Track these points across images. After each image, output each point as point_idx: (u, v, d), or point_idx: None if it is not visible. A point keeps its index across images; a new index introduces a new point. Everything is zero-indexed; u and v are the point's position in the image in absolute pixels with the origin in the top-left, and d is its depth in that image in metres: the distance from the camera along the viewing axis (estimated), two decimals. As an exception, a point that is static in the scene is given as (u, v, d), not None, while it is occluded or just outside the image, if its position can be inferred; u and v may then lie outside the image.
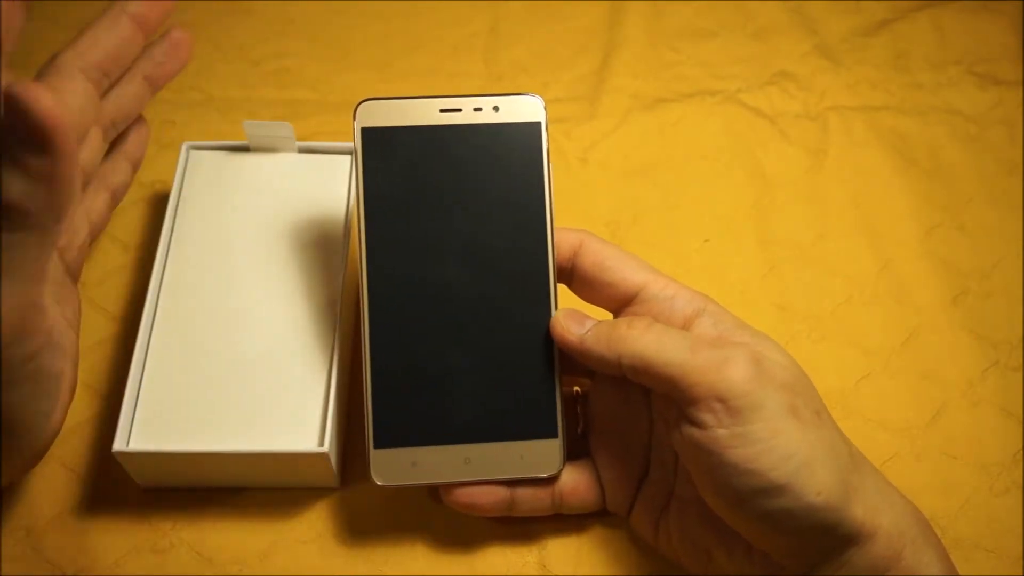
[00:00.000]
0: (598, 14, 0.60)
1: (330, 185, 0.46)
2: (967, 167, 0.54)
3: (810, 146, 0.55)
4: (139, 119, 0.44)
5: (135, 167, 0.45)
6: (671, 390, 0.34)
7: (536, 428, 0.38)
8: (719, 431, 0.33)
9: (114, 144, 0.43)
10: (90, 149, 0.40)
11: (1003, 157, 0.55)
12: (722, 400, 0.33)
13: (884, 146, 0.55)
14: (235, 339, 0.42)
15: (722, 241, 0.51)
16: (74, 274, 0.38)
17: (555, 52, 0.58)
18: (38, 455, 0.38)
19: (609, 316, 0.40)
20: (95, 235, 0.42)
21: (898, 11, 0.61)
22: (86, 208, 0.41)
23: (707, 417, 0.33)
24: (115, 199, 0.44)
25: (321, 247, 0.44)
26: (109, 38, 0.37)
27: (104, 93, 0.38)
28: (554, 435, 0.38)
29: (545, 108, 0.39)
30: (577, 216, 0.51)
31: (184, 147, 0.47)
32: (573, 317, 0.38)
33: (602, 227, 0.51)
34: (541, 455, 0.38)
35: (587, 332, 0.37)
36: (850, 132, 0.55)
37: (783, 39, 0.59)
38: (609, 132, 0.55)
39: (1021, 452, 0.44)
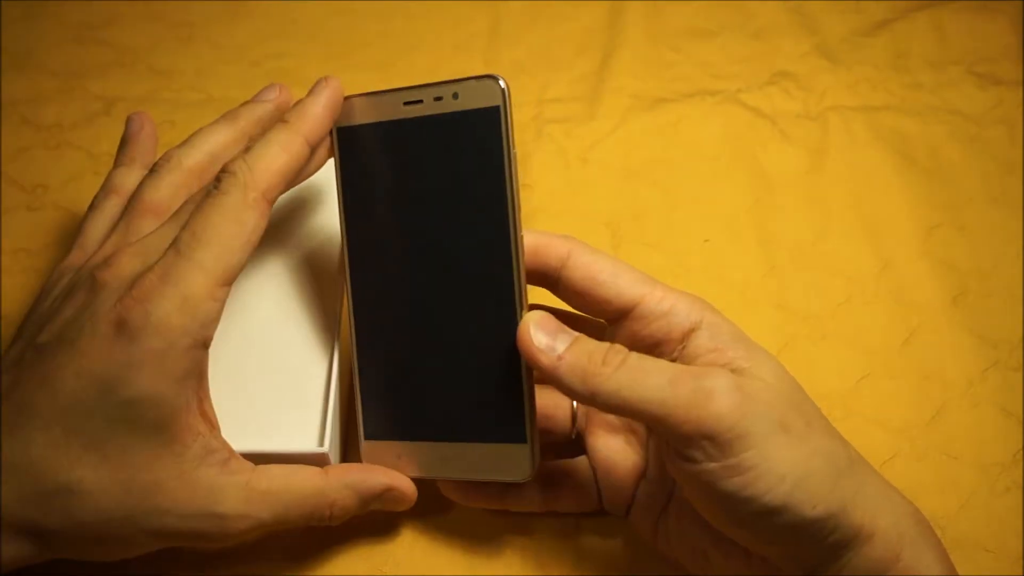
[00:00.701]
0: (598, 14, 0.60)
1: (330, 184, 0.46)
2: (967, 167, 0.54)
3: (810, 146, 0.55)
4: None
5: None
6: (656, 427, 0.33)
7: (504, 432, 0.37)
8: (710, 465, 0.32)
9: None
10: None
11: (1003, 157, 0.54)
12: (710, 437, 0.32)
13: (884, 146, 0.55)
14: (235, 338, 0.42)
15: (722, 241, 0.51)
16: None
17: (555, 52, 0.58)
18: None
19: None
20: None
21: (898, 11, 0.60)
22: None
23: (697, 453, 0.33)
24: None
25: (321, 245, 0.44)
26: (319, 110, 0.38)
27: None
28: (522, 440, 0.36)
29: (506, 89, 0.36)
30: (577, 216, 0.51)
31: (184, 147, 0.47)
32: (544, 327, 0.35)
33: (602, 227, 0.51)
34: (510, 459, 0.37)
35: (559, 359, 0.34)
36: (850, 132, 0.55)
37: (783, 39, 0.59)
38: (609, 132, 0.55)
39: (1021, 452, 0.44)
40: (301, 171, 0.37)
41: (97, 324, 0.33)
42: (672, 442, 0.33)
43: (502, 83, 0.36)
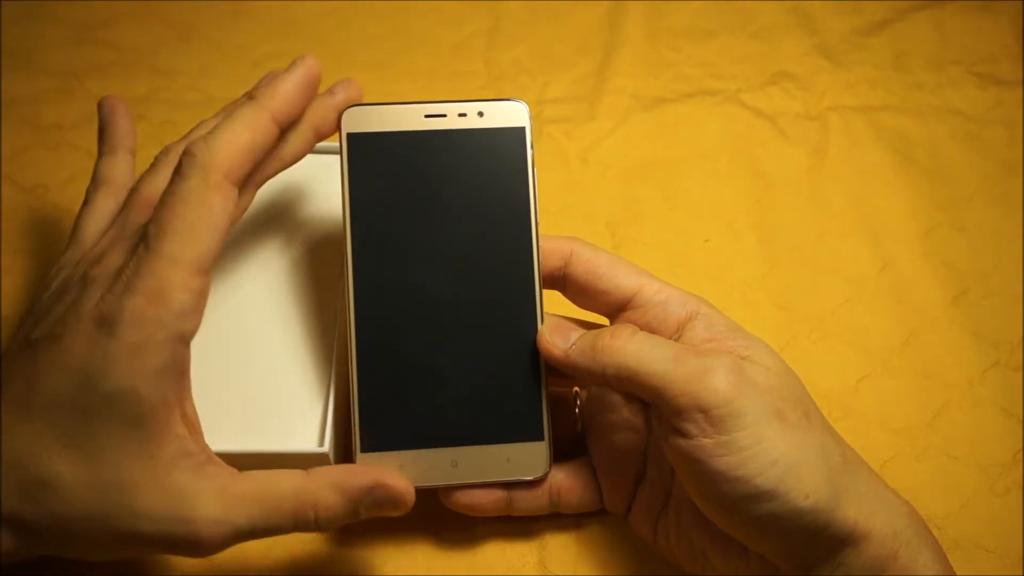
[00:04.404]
0: (598, 14, 0.60)
1: (330, 185, 0.46)
2: (967, 167, 0.54)
3: (810, 146, 0.55)
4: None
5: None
6: (655, 400, 0.35)
7: (522, 431, 0.38)
8: (704, 440, 0.33)
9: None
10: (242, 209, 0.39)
11: (1003, 157, 0.55)
12: (703, 411, 0.33)
13: (884, 146, 0.55)
14: (235, 339, 0.42)
15: (722, 241, 0.51)
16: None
17: (555, 52, 0.58)
18: None
19: (604, 321, 0.40)
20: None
21: (898, 11, 0.61)
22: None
23: (691, 427, 0.33)
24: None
25: (321, 246, 0.44)
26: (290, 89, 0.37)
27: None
28: (540, 438, 0.38)
29: (530, 113, 0.39)
30: (577, 216, 0.51)
31: (184, 147, 0.47)
32: (559, 330, 0.37)
33: (602, 227, 0.51)
34: (527, 457, 0.38)
35: (572, 346, 0.37)
36: (850, 132, 0.55)
37: (783, 39, 0.59)
38: (609, 132, 0.55)
39: (1021, 452, 0.44)
40: (269, 150, 0.36)
41: (80, 320, 0.33)
42: (668, 416, 0.34)
43: (526, 106, 0.39)
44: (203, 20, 0.59)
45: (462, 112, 0.39)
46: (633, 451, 0.40)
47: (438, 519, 0.41)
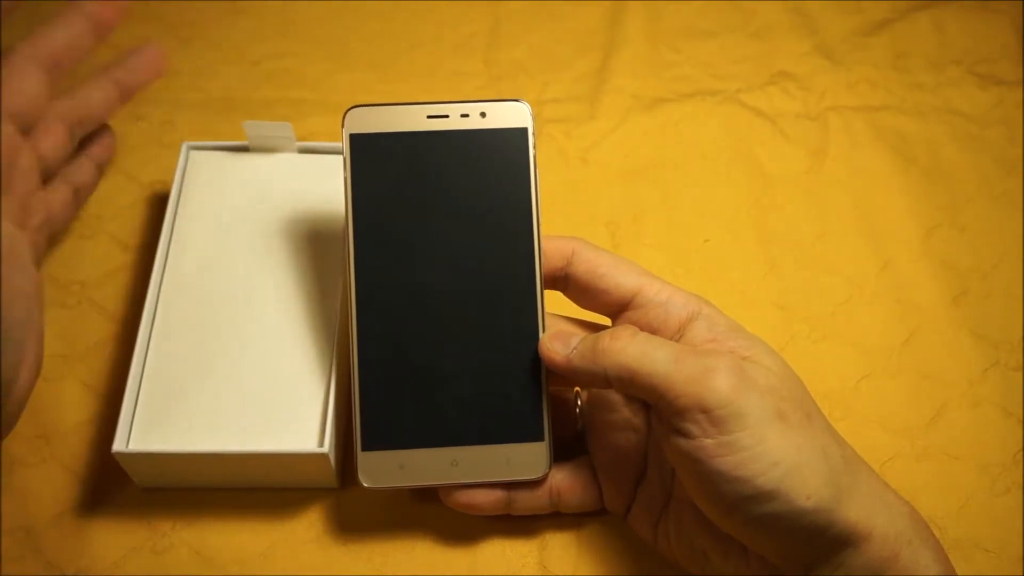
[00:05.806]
0: (598, 14, 0.60)
1: (330, 185, 0.46)
2: (967, 167, 0.54)
3: (810, 146, 0.55)
4: (105, 127, 0.48)
5: (100, 170, 0.48)
6: (657, 401, 0.35)
7: (522, 431, 0.38)
8: (705, 441, 0.33)
9: (81, 145, 0.46)
10: (52, 140, 0.42)
11: (1003, 157, 0.54)
12: (705, 411, 0.33)
13: (884, 146, 0.55)
14: (235, 339, 0.42)
15: (722, 241, 0.51)
16: (33, 257, 0.40)
17: (555, 52, 0.58)
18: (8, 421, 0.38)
19: (606, 321, 0.40)
20: (56, 227, 0.45)
21: (898, 11, 0.61)
22: (45, 198, 0.43)
23: (692, 427, 0.33)
24: (78, 197, 0.46)
25: (321, 247, 0.44)
26: (63, 34, 0.42)
27: (67, 90, 0.43)
28: (540, 438, 0.38)
29: (532, 114, 0.39)
30: (577, 216, 0.51)
31: (184, 147, 0.47)
32: (559, 338, 0.37)
33: (602, 227, 0.51)
34: (528, 458, 0.38)
35: (572, 351, 0.37)
36: (850, 132, 0.55)
37: (783, 39, 0.59)
38: (609, 132, 0.55)
39: (1021, 452, 0.44)
40: (77, 39, 0.42)
41: None
42: (669, 417, 0.34)
43: (528, 107, 0.39)
44: (203, 20, 0.59)
45: (464, 113, 0.39)
46: (633, 451, 0.40)
47: (438, 519, 0.41)
